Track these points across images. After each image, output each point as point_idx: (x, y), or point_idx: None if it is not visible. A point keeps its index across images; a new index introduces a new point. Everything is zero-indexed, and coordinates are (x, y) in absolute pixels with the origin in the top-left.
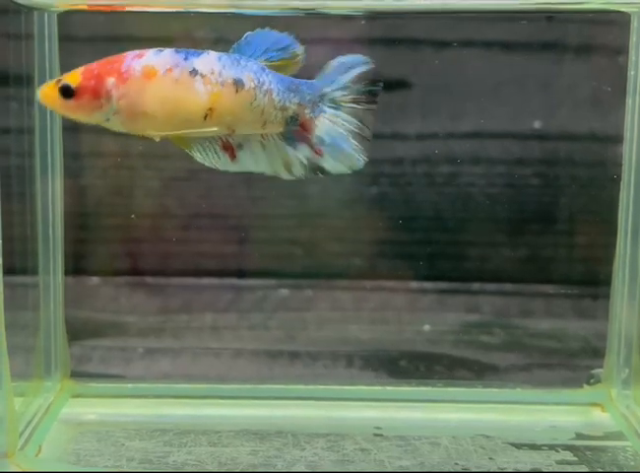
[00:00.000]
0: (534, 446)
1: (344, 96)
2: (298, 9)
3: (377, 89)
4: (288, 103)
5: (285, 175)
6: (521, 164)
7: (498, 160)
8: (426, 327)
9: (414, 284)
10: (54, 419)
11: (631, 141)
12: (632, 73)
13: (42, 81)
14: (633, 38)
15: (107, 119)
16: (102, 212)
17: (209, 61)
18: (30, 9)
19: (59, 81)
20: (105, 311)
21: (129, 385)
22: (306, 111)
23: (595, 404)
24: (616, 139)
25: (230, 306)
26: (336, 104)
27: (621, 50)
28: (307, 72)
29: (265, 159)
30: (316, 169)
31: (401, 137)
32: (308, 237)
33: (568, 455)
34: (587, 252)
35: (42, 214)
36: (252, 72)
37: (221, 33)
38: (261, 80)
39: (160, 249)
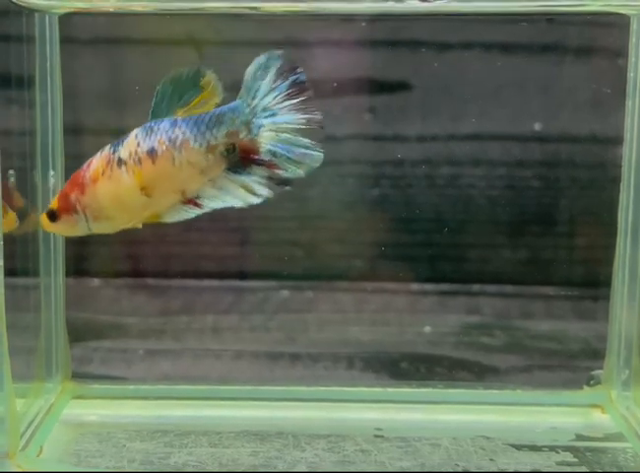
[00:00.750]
0: (534, 448)
1: (274, 99)
2: (298, 11)
3: (299, 75)
4: (214, 141)
5: (253, 200)
6: (521, 165)
7: (499, 161)
8: (427, 329)
9: (414, 285)
10: (55, 420)
11: (631, 142)
12: (632, 75)
13: (43, 83)
14: (633, 40)
15: (89, 229)
16: None
17: (128, 145)
18: (31, 11)
19: (47, 207)
20: (106, 313)
21: (130, 387)
22: (242, 135)
23: (595, 405)
24: (617, 141)
25: (231, 308)
26: (270, 111)
27: (621, 52)
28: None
29: (226, 196)
30: (280, 182)
31: (401, 139)
32: (309, 239)
33: (568, 456)
34: (587, 254)
35: None
36: (163, 134)
37: (221, 34)
38: (172, 137)
39: (161, 251)
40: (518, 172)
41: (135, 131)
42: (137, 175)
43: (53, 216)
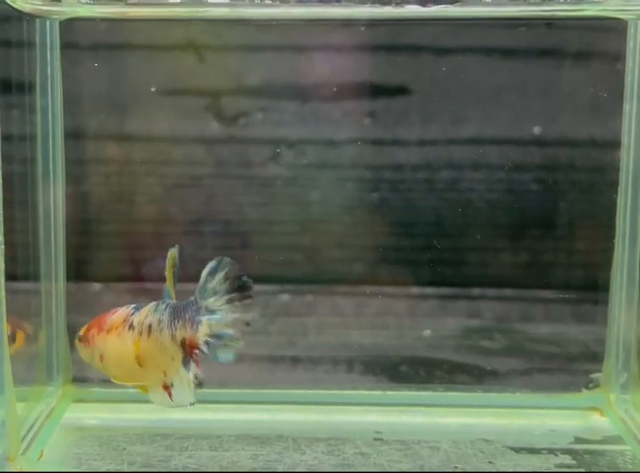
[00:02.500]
0: (533, 450)
1: (215, 300)
2: (298, 16)
3: (244, 282)
4: (174, 332)
5: (187, 401)
6: (521, 169)
7: (498, 165)
8: (427, 332)
9: (414, 289)
10: (56, 423)
11: (629, 146)
12: (629, 79)
13: (44, 88)
14: (630, 45)
15: (97, 364)
16: (104, 218)
17: (142, 313)
18: (32, 17)
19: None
20: None
21: (130, 390)
22: (188, 330)
23: (594, 408)
24: (615, 145)
25: None
26: (211, 311)
27: (619, 57)
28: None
29: (177, 391)
30: (198, 384)
31: (401, 143)
32: (309, 243)
33: (567, 459)
34: (586, 257)
35: (44, 220)
36: (159, 313)
37: (221, 39)
38: (161, 319)
39: (162, 255)
40: (517, 176)
41: (153, 303)
42: (136, 343)
43: (79, 340)
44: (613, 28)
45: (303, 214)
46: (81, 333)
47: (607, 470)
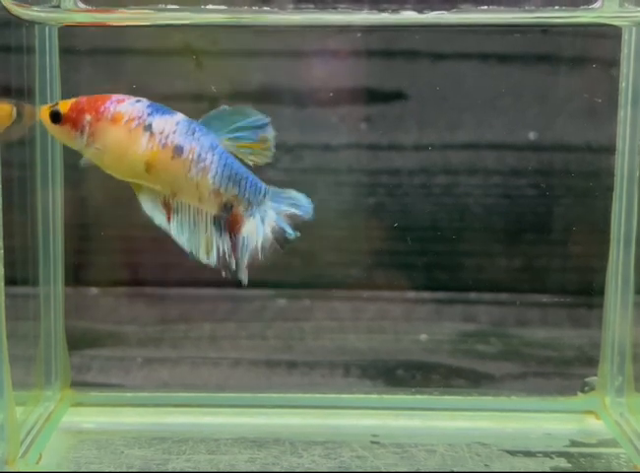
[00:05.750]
0: (528, 454)
1: (276, 214)
2: (296, 22)
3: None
4: (223, 191)
5: (202, 258)
6: (516, 174)
7: (494, 170)
8: (423, 337)
9: (411, 294)
10: (54, 427)
11: (623, 152)
12: (624, 85)
13: (43, 93)
14: (625, 51)
15: (81, 149)
16: (102, 223)
17: (166, 122)
18: (31, 23)
19: (55, 105)
20: (105, 321)
21: (128, 394)
22: (241, 208)
23: (589, 412)
24: (610, 150)
25: (229, 316)
26: (264, 215)
27: (614, 63)
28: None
29: (189, 233)
30: (225, 267)
31: (398, 148)
32: (306, 248)
33: (562, 462)
34: (581, 262)
35: (43, 225)
36: (199, 145)
37: (219, 45)
38: (202, 156)
39: (159, 260)
40: (513, 181)
41: (181, 117)
42: (153, 153)
43: (57, 118)
44: (608, 34)
45: (300, 219)
46: (63, 109)
47: (603, 471)
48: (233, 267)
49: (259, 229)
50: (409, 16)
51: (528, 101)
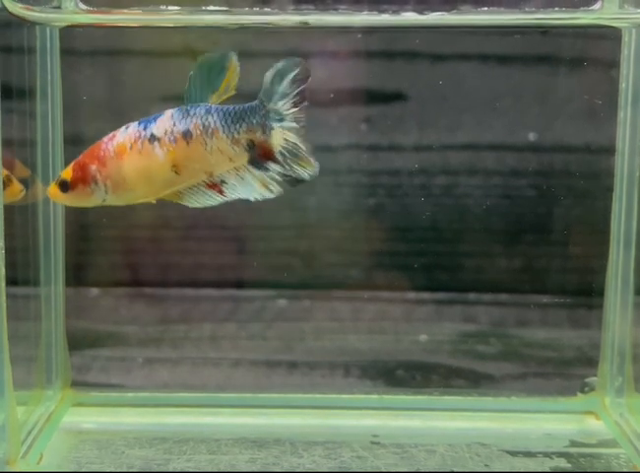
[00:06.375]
0: (528, 454)
1: (284, 105)
2: (296, 23)
3: (303, 84)
4: (237, 135)
5: (267, 195)
6: (516, 175)
7: (494, 171)
8: (423, 337)
9: (411, 294)
10: (55, 427)
11: (623, 153)
12: (624, 86)
13: (44, 94)
14: (624, 52)
15: (104, 200)
16: (103, 224)
17: (163, 123)
18: (32, 23)
19: (57, 178)
20: (105, 322)
21: (129, 394)
22: (258, 134)
23: (589, 412)
24: (610, 151)
25: (229, 317)
26: (280, 116)
27: (614, 64)
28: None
29: (245, 187)
30: (291, 182)
31: (397, 149)
32: (306, 249)
33: (562, 462)
34: (581, 262)
35: (44, 226)
36: (199, 119)
37: (218, 46)
38: (206, 124)
39: (160, 261)
40: (513, 182)
41: (170, 111)
42: (171, 153)
43: (65, 186)
44: (608, 35)
45: (300, 219)
46: (67, 176)
47: (602, 470)
48: (301, 175)
49: (285, 134)
50: (409, 17)
51: (528, 102)
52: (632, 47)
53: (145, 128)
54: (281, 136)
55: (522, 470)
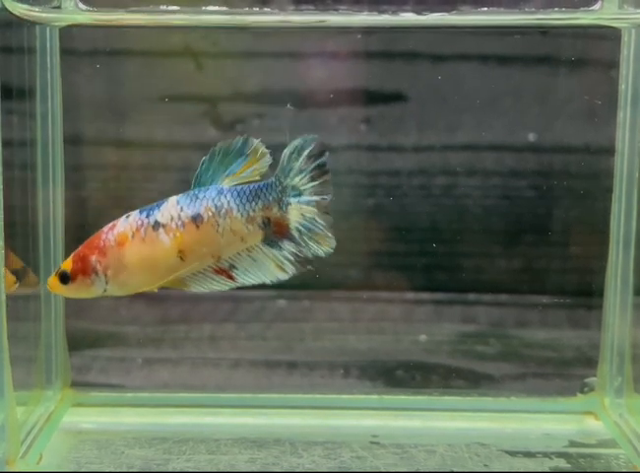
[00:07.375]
0: (528, 454)
1: (301, 180)
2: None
3: (324, 160)
4: (252, 213)
5: (281, 276)
6: (516, 175)
7: (494, 171)
8: (423, 337)
9: (410, 295)
10: (55, 427)
11: (622, 153)
12: (623, 86)
13: (44, 94)
14: (624, 53)
15: (104, 290)
16: (103, 224)
17: (168, 209)
18: (32, 23)
19: (57, 270)
20: (105, 322)
21: (129, 395)
22: (274, 211)
23: (588, 412)
24: (610, 151)
25: (229, 317)
26: (297, 191)
27: (613, 64)
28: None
29: (259, 270)
30: (304, 261)
31: (397, 149)
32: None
33: (562, 463)
34: (581, 263)
35: (44, 226)
36: (210, 201)
37: (219, 46)
38: (218, 205)
39: None
40: (513, 182)
41: (175, 198)
42: (177, 239)
43: (66, 278)
44: (608, 36)
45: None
46: (67, 268)
47: (601, 471)
48: (316, 252)
49: (302, 209)
50: (408, 17)
51: (527, 103)
52: (632, 48)
53: (147, 216)
54: (298, 211)
55: (521, 470)
